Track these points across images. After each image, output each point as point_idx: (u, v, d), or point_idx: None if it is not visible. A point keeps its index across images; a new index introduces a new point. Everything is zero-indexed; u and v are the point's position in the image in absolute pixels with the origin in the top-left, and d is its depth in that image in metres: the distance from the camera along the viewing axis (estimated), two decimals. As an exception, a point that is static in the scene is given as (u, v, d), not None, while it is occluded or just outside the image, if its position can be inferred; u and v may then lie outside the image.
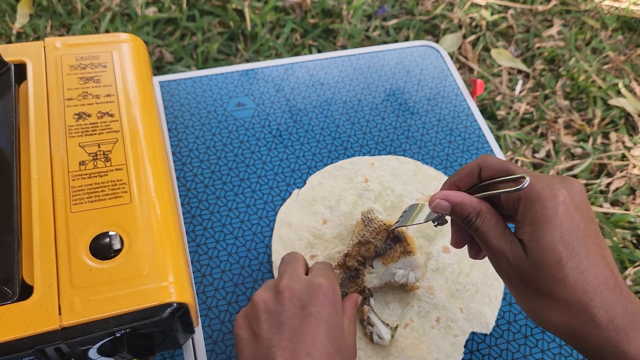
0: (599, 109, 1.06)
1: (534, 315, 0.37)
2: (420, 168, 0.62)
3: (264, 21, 1.11)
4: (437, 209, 0.40)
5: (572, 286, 0.33)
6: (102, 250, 0.40)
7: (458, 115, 0.69)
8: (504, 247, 0.37)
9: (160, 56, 1.04)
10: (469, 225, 0.39)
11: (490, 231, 0.37)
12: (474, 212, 0.38)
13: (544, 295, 0.35)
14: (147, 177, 0.44)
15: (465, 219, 0.39)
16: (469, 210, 0.38)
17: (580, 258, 0.34)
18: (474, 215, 0.38)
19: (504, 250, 0.37)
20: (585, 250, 0.34)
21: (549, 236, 0.34)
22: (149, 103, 0.50)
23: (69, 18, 1.07)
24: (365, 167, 0.62)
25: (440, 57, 0.75)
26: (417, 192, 0.60)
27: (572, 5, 1.28)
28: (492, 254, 0.38)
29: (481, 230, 0.38)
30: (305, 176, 0.61)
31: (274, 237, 0.56)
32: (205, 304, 0.51)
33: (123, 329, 0.37)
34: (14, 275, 0.38)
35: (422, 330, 0.51)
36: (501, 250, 0.37)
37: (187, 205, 0.57)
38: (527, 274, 0.35)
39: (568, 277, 0.33)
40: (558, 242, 0.34)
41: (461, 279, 0.54)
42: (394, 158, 0.63)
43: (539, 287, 0.35)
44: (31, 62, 0.49)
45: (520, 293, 0.37)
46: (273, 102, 0.67)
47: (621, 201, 0.93)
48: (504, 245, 0.37)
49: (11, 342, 0.35)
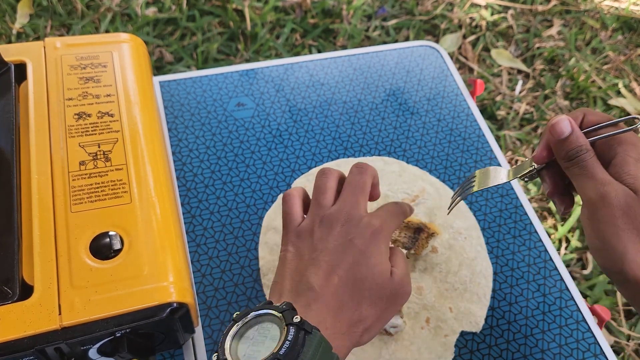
0: (599, 109, 1.06)
1: (621, 257, 0.36)
2: (405, 168, 0.62)
3: (264, 21, 1.11)
4: (557, 127, 0.40)
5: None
6: (102, 250, 0.40)
7: (458, 115, 0.69)
8: (612, 180, 0.37)
9: (160, 56, 1.04)
10: (578, 156, 0.39)
11: (598, 165, 0.39)
12: (586, 145, 0.39)
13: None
14: (147, 177, 0.44)
15: (576, 149, 0.39)
16: (583, 141, 0.39)
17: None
18: (586, 149, 0.39)
19: (612, 182, 0.37)
20: None
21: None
22: (149, 103, 0.50)
23: (69, 18, 1.07)
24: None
25: (440, 57, 0.75)
26: (402, 193, 0.59)
27: (572, 5, 1.28)
28: (599, 185, 0.38)
29: (589, 163, 0.39)
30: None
31: (260, 243, 0.55)
32: (205, 304, 0.51)
33: (123, 329, 0.37)
34: (14, 275, 0.38)
35: (412, 332, 0.51)
36: (610, 181, 0.37)
37: (187, 205, 0.57)
38: (633, 207, 0.36)
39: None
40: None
41: (450, 278, 0.54)
42: (378, 159, 0.63)
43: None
44: (31, 62, 0.49)
45: (615, 230, 0.37)
46: (273, 102, 0.68)
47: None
48: (610, 178, 0.38)
49: (11, 342, 0.35)
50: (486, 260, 0.56)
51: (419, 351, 0.49)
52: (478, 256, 0.56)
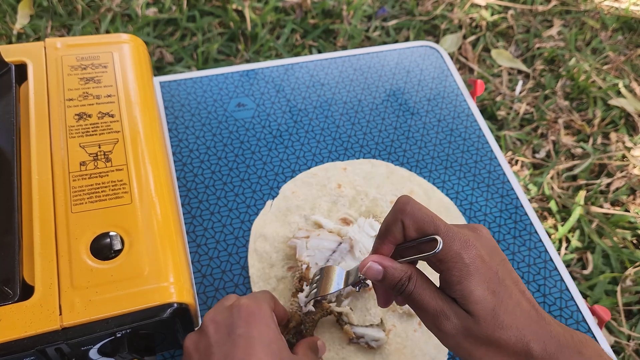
0: (599, 109, 1.06)
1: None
2: (393, 170, 0.62)
3: (264, 22, 1.11)
4: (369, 273, 0.38)
5: (509, 328, 0.35)
6: (103, 250, 0.40)
7: (458, 115, 0.69)
8: (443, 306, 0.36)
9: (160, 57, 1.04)
10: (401, 290, 0.38)
11: (424, 292, 0.37)
12: (406, 275, 0.37)
13: (490, 343, 0.36)
14: (147, 177, 0.44)
15: (397, 284, 0.38)
16: (400, 275, 0.37)
17: (507, 300, 0.36)
18: (406, 279, 0.37)
19: (444, 309, 0.36)
20: (508, 293, 0.36)
21: (479, 289, 0.35)
22: (150, 103, 0.50)
23: (69, 19, 1.07)
24: (338, 172, 0.61)
25: (440, 57, 0.75)
26: (390, 195, 0.59)
27: (572, 6, 1.28)
28: (431, 316, 0.37)
29: (415, 294, 0.37)
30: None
31: (250, 250, 0.55)
32: (205, 304, 0.51)
33: (123, 329, 0.37)
34: (14, 276, 0.38)
35: (405, 335, 0.51)
36: (441, 310, 0.36)
37: (188, 206, 0.57)
38: (471, 328, 0.36)
39: (504, 322, 0.35)
40: (486, 292, 0.35)
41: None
42: (366, 161, 0.63)
43: (484, 337, 0.36)
44: (32, 63, 0.49)
45: (465, 348, 0.37)
46: (273, 103, 0.68)
47: (621, 201, 0.93)
48: (442, 304, 0.36)
49: (12, 342, 0.35)
50: None
51: (412, 354, 0.49)
52: None
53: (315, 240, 0.52)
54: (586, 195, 0.92)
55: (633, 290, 0.78)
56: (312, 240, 0.51)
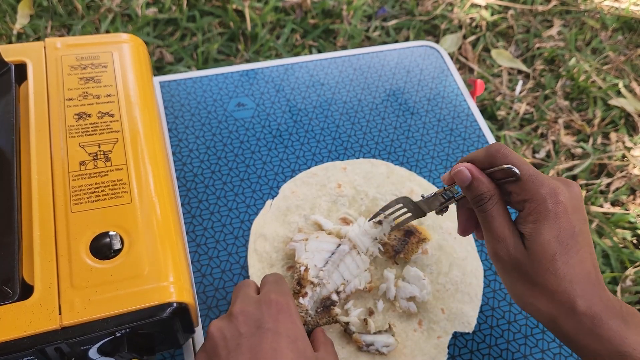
0: (599, 109, 1.06)
1: (519, 300, 0.40)
2: (392, 170, 0.62)
3: (264, 22, 1.11)
4: (458, 176, 0.41)
5: (561, 277, 0.37)
6: (103, 250, 0.40)
7: (458, 115, 0.69)
8: (507, 236, 0.39)
9: (160, 56, 1.04)
10: (480, 204, 0.40)
11: (498, 217, 0.40)
12: (489, 192, 0.40)
13: (535, 284, 0.38)
14: (147, 177, 0.44)
15: (479, 197, 0.40)
16: (485, 189, 0.40)
17: (571, 254, 0.38)
18: (488, 196, 0.40)
19: (507, 238, 0.39)
20: (576, 248, 0.38)
21: (548, 234, 0.37)
22: (149, 103, 0.50)
23: (69, 18, 1.07)
24: (338, 172, 0.61)
25: (440, 57, 0.75)
26: (390, 194, 0.59)
27: (572, 6, 1.28)
28: (494, 240, 0.40)
29: (490, 213, 0.40)
30: (306, 176, 0.61)
31: (250, 250, 0.54)
32: (205, 304, 0.51)
33: (123, 329, 0.37)
34: (14, 275, 0.38)
35: (405, 335, 0.50)
36: (504, 238, 0.39)
37: (188, 205, 0.57)
38: (522, 264, 0.39)
39: (559, 270, 0.37)
40: (554, 239, 0.37)
41: (441, 279, 0.54)
42: (365, 161, 0.63)
43: (531, 276, 0.38)
44: (31, 63, 0.49)
45: (511, 279, 0.40)
46: (273, 103, 0.68)
47: (621, 201, 0.93)
48: (507, 233, 0.39)
49: (11, 341, 0.35)
50: (477, 259, 0.56)
51: (412, 354, 0.49)
52: (468, 256, 0.56)
53: (314, 243, 0.52)
54: (586, 195, 0.92)
55: (633, 290, 0.78)
56: (310, 243, 0.52)
